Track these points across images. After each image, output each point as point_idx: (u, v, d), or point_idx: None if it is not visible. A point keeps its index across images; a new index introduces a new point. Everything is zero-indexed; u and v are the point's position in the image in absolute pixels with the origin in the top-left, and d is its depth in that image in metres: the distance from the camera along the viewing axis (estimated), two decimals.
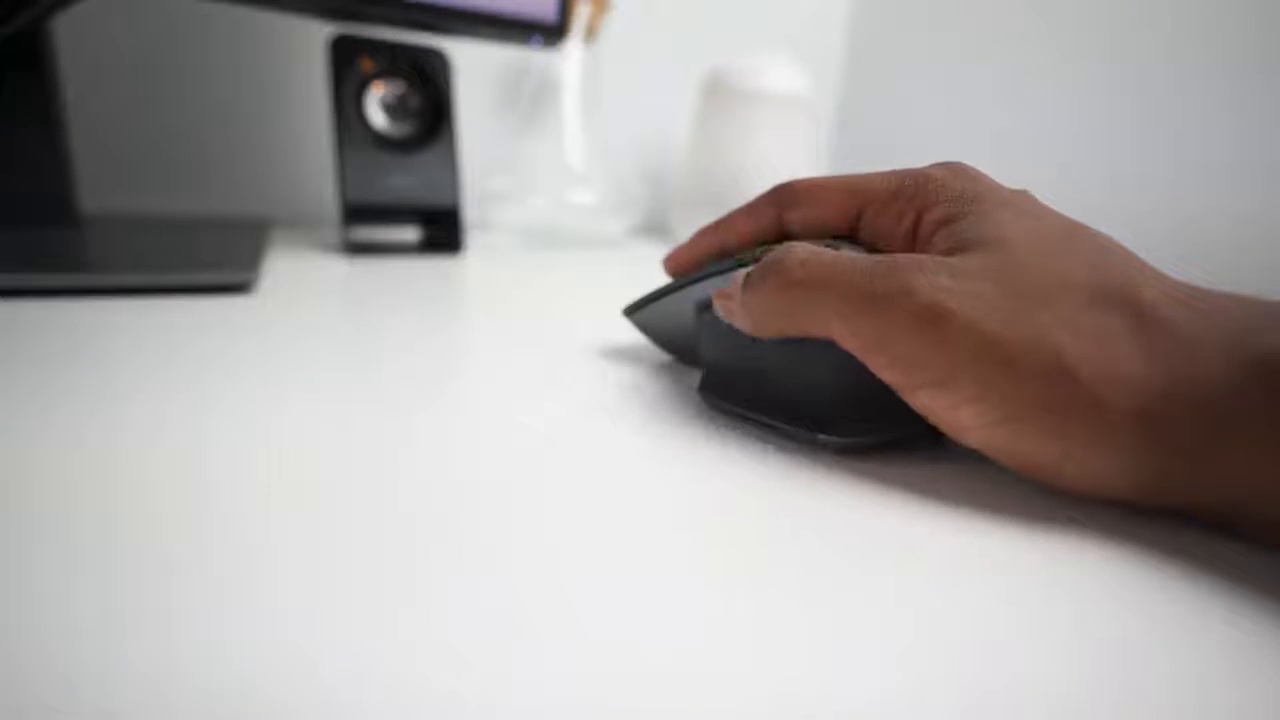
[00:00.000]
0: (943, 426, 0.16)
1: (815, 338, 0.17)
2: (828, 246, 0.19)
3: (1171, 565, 0.14)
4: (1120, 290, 0.14)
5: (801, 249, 0.17)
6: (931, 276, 0.15)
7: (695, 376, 0.24)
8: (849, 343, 0.16)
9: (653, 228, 0.68)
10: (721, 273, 0.21)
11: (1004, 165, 0.62)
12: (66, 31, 0.44)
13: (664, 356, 0.26)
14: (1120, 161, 0.54)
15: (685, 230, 0.57)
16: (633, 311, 0.25)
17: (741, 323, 0.18)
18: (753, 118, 0.54)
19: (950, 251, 0.16)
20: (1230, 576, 0.13)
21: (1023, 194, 0.18)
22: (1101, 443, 0.14)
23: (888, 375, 0.16)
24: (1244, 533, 0.14)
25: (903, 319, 0.15)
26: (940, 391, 0.15)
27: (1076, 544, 0.14)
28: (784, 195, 0.20)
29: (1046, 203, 0.18)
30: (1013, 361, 0.14)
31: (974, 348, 0.14)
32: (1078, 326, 0.14)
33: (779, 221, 0.21)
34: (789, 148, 0.55)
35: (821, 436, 0.17)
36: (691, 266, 0.23)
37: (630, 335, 0.28)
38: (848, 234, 0.20)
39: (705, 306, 0.21)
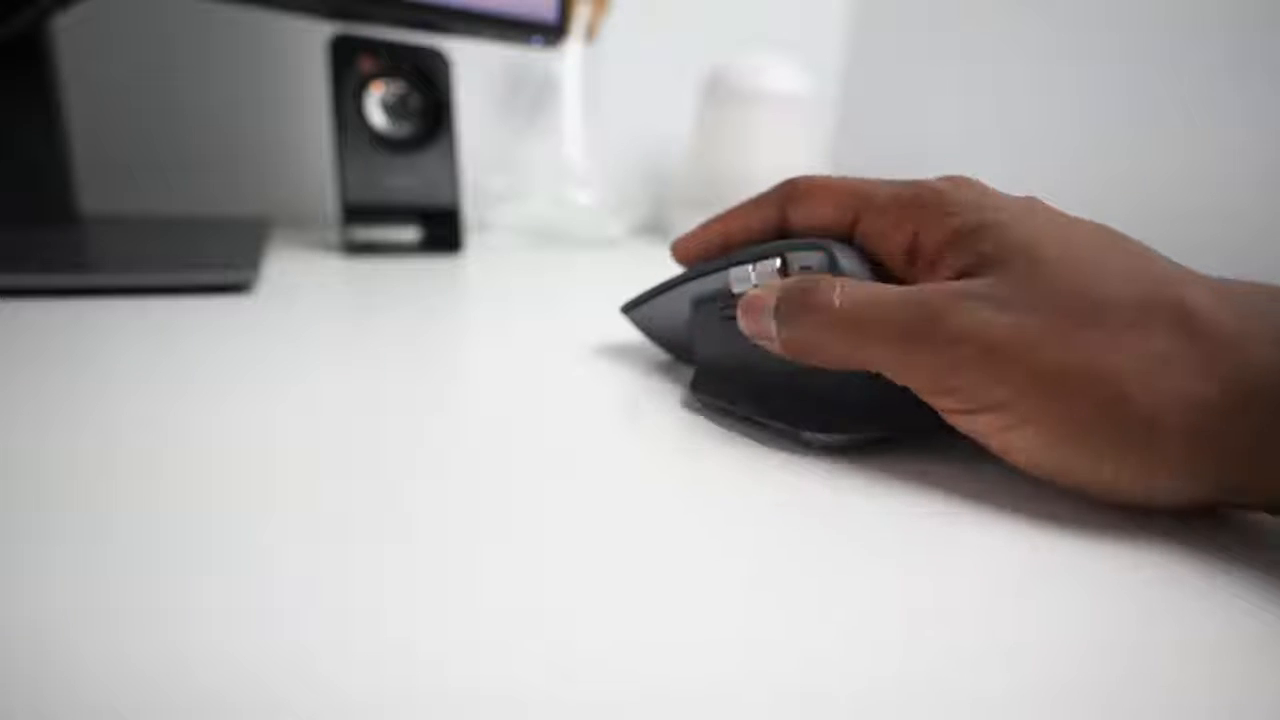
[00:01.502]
0: (993, 448, 0.16)
1: None
2: (818, 248, 0.18)
3: (1182, 557, 0.14)
4: (1165, 301, 0.14)
5: (834, 284, 0.17)
6: (972, 314, 0.15)
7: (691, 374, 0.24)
8: (903, 378, 0.16)
9: (653, 228, 0.68)
10: (715, 270, 0.21)
11: (1005, 165, 0.62)
12: (66, 31, 0.44)
13: (662, 355, 0.26)
14: (1122, 160, 0.54)
15: (684, 230, 0.57)
16: (630, 309, 0.25)
17: (783, 353, 0.18)
18: (753, 118, 0.54)
19: (968, 270, 0.16)
20: (1244, 564, 0.13)
21: (1031, 201, 0.17)
22: (1160, 461, 0.14)
23: (939, 404, 0.16)
24: None
25: (954, 358, 0.15)
26: (994, 417, 0.15)
27: (1071, 538, 0.14)
28: (789, 191, 0.20)
29: (1053, 206, 0.17)
30: (1069, 387, 0.14)
31: (1028, 377, 0.14)
32: (1130, 346, 0.14)
33: (783, 216, 0.21)
34: (789, 148, 0.55)
35: (808, 434, 0.18)
36: (698, 254, 0.23)
37: (629, 335, 0.28)
38: (845, 235, 0.19)
39: (700, 303, 0.22)
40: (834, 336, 0.17)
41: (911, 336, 0.15)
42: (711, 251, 0.23)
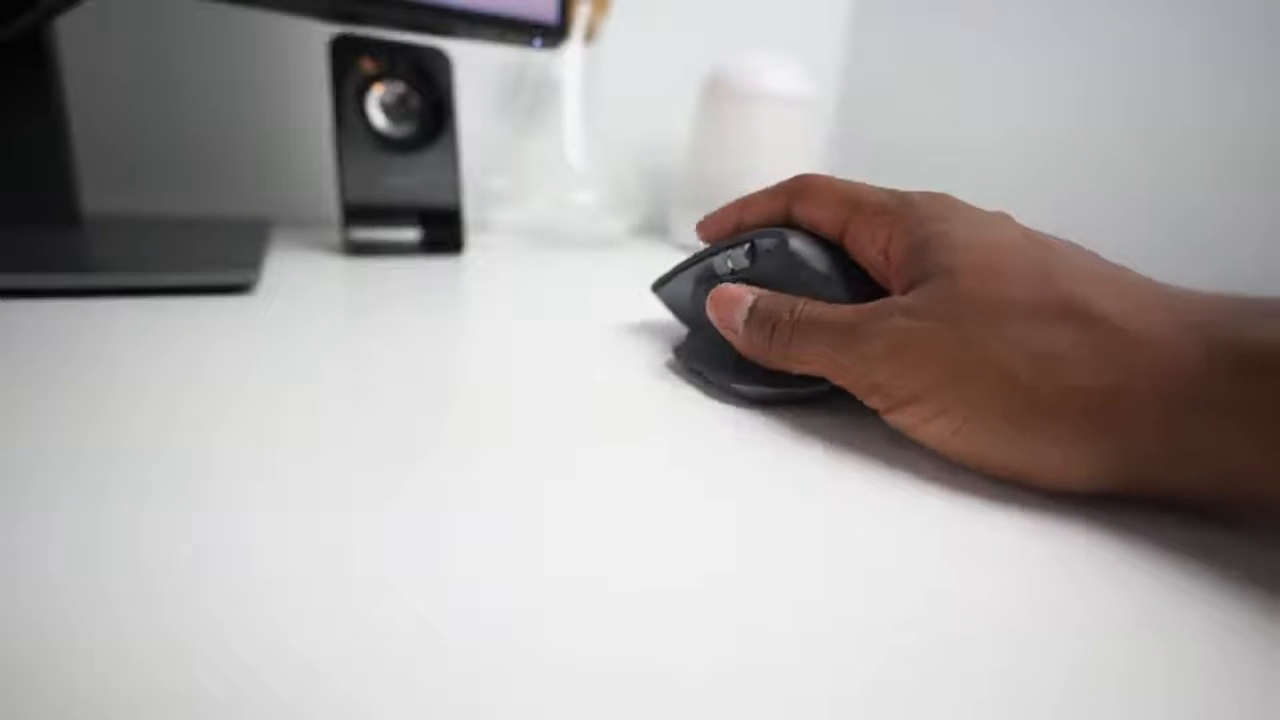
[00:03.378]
0: (923, 442, 0.17)
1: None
2: (776, 235, 0.22)
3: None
4: (1066, 303, 0.15)
5: (796, 305, 0.20)
6: (890, 320, 0.17)
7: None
8: (837, 378, 0.19)
9: (653, 228, 0.68)
10: (720, 251, 0.24)
11: (1004, 165, 0.62)
12: (69, 32, 0.44)
13: (661, 354, 0.26)
14: (1119, 160, 0.54)
15: (685, 231, 0.57)
16: (658, 286, 0.28)
17: (742, 349, 0.22)
18: (753, 118, 0.54)
19: (913, 278, 0.18)
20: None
21: (995, 217, 0.19)
22: (1065, 446, 0.15)
23: (870, 403, 0.18)
24: (1237, 515, 0.15)
25: (872, 357, 0.17)
26: (910, 411, 0.17)
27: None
28: (796, 186, 0.22)
29: (1022, 225, 0.19)
30: (966, 381, 0.16)
31: (934, 371, 0.16)
32: (1022, 342, 0.15)
33: (789, 209, 0.23)
34: (789, 148, 0.55)
35: (734, 386, 0.21)
36: (718, 233, 0.26)
37: (630, 331, 0.28)
38: (837, 237, 0.22)
39: (698, 281, 0.25)
40: (782, 347, 0.20)
41: (838, 342, 0.18)
42: (728, 232, 0.25)
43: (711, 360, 0.23)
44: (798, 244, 0.21)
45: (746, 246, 0.22)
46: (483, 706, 0.09)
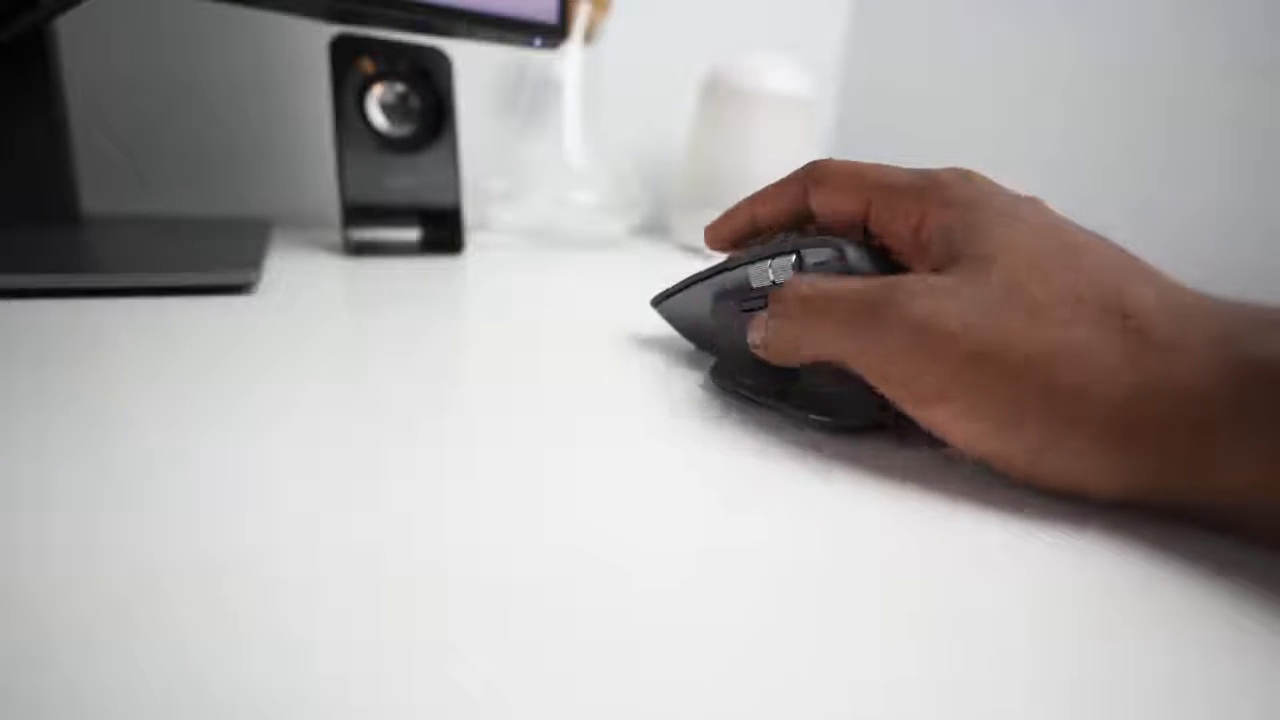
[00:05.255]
0: (945, 437, 0.16)
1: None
2: (830, 245, 0.19)
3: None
4: (1103, 302, 0.15)
5: (802, 286, 0.18)
6: (914, 299, 0.16)
7: (692, 370, 0.24)
8: (853, 363, 0.17)
9: (653, 228, 0.68)
10: (736, 266, 0.22)
11: (1004, 164, 0.62)
12: (69, 32, 0.44)
13: (661, 354, 0.26)
14: (1119, 157, 0.54)
15: (686, 231, 0.57)
16: (659, 302, 0.26)
17: (767, 358, 0.20)
18: (753, 118, 0.54)
19: (942, 262, 0.17)
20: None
21: (1029, 202, 0.18)
22: (1082, 448, 0.14)
23: (889, 392, 0.17)
24: (1243, 532, 0.15)
25: (892, 339, 0.16)
26: (935, 405, 0.16)
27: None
28: (811, 175, 0.21)
29: (1056, 211, 0.18)
30: (993, 374, 0.15)
31: (957, 363, 0.15)
32: (1056, 339, 0.15)
33: (805, 199, 0.22)
34: (789, 148, 0.55)
35: (813, 416, 0.19)
36: (728, 238, 0.24)
37: (635, 331, 0.28)
38: (860, 220, 0.20)
39: (721, 297, 0.23)
40: (794, 329, 0.18)
41: (854, 324, 0.17)
42: (741, 234, 0.24)
43: (758, 379, 0.21)
44: (855, 256, 0.19)
45: (792, 257, 0.20)
46: (483, 700, 0.09)
